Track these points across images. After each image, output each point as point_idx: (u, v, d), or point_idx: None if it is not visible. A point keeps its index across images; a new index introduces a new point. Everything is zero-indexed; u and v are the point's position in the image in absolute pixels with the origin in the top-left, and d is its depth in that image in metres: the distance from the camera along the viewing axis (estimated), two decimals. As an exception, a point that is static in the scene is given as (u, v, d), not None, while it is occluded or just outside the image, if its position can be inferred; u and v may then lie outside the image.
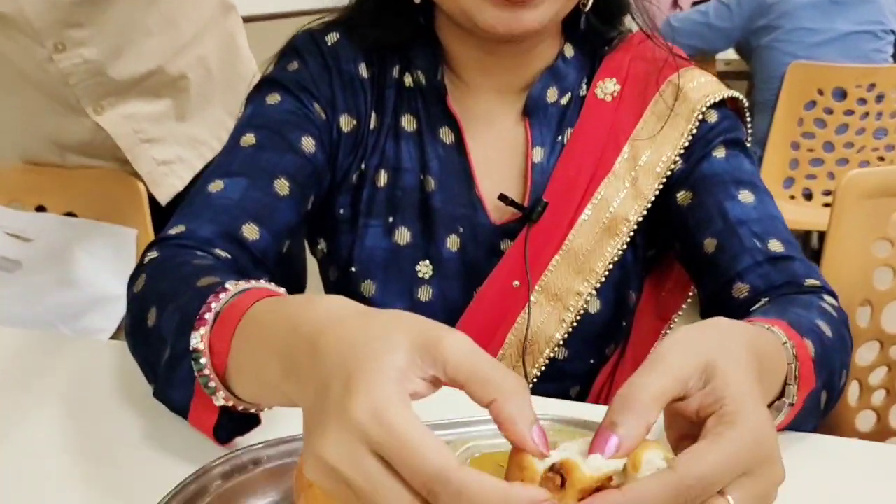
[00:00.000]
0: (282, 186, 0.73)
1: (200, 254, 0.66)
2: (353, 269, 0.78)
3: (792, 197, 2.43)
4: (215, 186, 0.71)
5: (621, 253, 0.78)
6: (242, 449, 0.52)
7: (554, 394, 0.70)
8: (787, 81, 2.31)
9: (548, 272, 0.77)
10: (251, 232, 0.70)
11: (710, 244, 0.75)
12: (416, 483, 0.35)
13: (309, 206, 0.77)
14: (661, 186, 0.78)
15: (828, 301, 0.69)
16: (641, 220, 0.78)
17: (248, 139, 0.75)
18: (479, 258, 0.78)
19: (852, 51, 2.32)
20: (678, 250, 0.80)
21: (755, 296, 0.72)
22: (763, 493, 0.41)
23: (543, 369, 0.78)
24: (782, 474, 0.41)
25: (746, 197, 0.76)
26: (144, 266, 0.65)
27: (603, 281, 0.78)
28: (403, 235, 0.78)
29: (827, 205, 2.32)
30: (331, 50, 0.79)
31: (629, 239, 0.78)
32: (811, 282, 0.72)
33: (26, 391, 0.68)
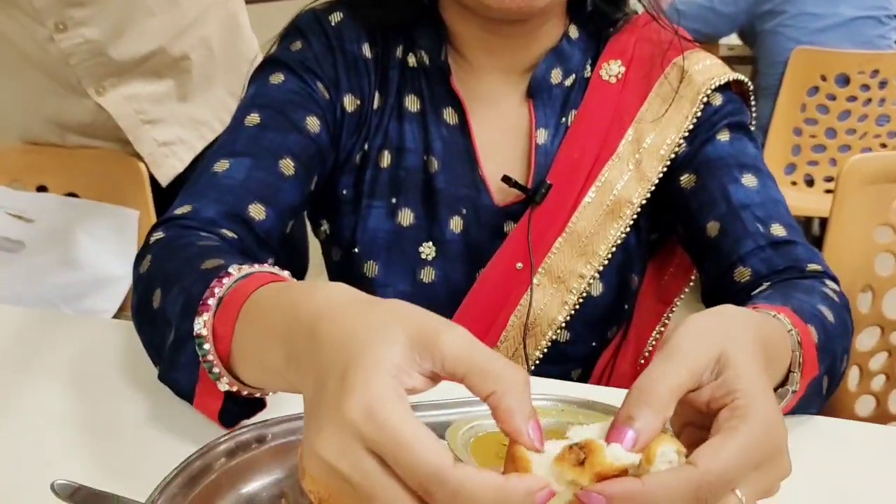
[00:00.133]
0: (286, 166, 0.73)
1: (206, 234, 0.66)
2: (356, 250, 0.78)
3: (793, 183, 2.42)
4: (220, 166, 0.71)
5: (624, 236, 0.78)
6: (247, 427, 0.52)
7: (555, 376, 0.70)
8: (791, 67, 2.30)
9: (551, 254, 0.77)
10: (257, 212, 0.70)
11: (713, 228, 0.75)
12: (412, 482, 0.35)
13: (312, 187, 0.76)
14: (665, 169, 0.77)
15: (830, 286, 0.69)
16: (645, 203, 0.78)
17: (252, 119, 0.74)
18: (482, 240, 0.78)
19: (856, 36, 2.30)
20: (681, 233, 0.80)
21: (757, 280, 0.72)
22: (769, 487, 0.41)
23: (545, 352, 0.79)
24: (789, 468, 0.41)
25: (750, 181, 0.75)
26: (150, 246, 0.65)
27: (606, 264, 0.78)
28: (406, 216, 0.78)
29: (828, 191, 2.31)
30: (334, 30, 0.79)
31: (632, 222, 0.78)
32: (813, 266, 0.72)
33: (31, 369, 0.68)
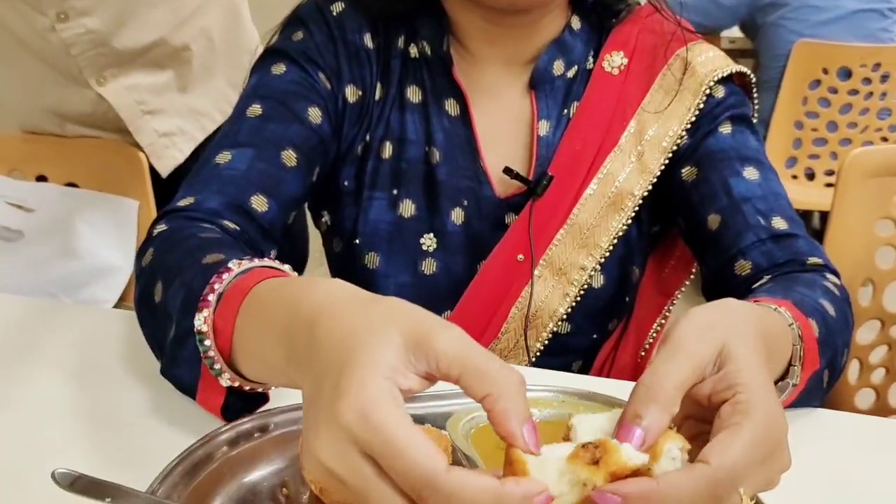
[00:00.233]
0: (288, 158, 0.72)
1: (208, 226, 0.66)
2: (357, 242, 0.78)
3: (794, 177, 2.42)
4: (222, 158, 0.71)
5: (626, 228, 0.78)
6: (249, 416, 0.52)
7: (556, 368, 0.71)
8: (792, 60, 2.29)
9: (552, 246, 0.77)
10: (259, 203, 0.70)
11: (714, 220, 0.75)
12: (405, 486, 0.35)
13: (314, 178, 0.76)
14: (667, 161, 0.77)
15: (830, 279, 0.69)
16: (647, 195, 0.78)
17: (255, 110, 0.74)
18: (484, 231, 0.78)
19: (858, 29, 2.30)
20: (681, 226, 0.80)
21: (757, 273, 0.72)
22: (770, 480, 0.41)
23: (546, 343, 0.79)
24: (789, 461, 0.42)
25: (751, 174, 0.75)
26: (153, 239, 0.65)
27: (607, 256, 0.78)
28: (408, 208, 0.78)
29: (829, 185, 2.31)
30: (336, 20, 0.78)
31: (634, 214, 0.78)
32: (814, 260, 0.72)
33: (31, 359, 0.68)
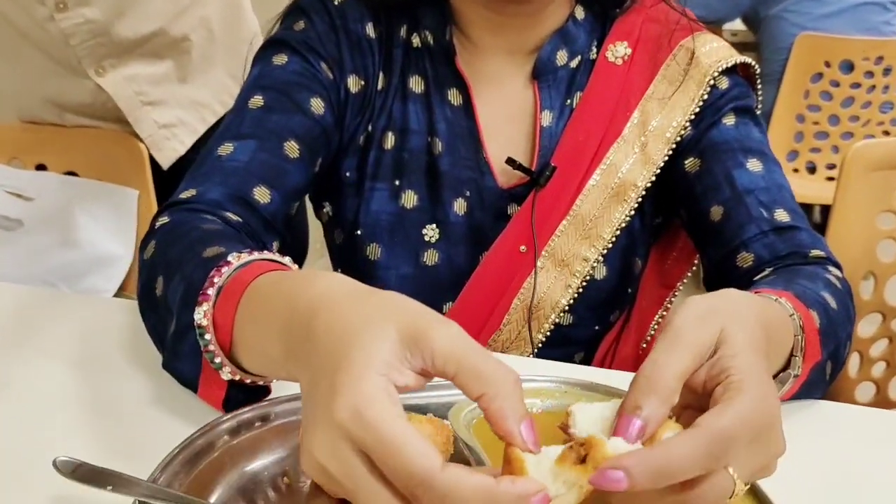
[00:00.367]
0: (291, 149, 0.72)
1: (210, 217, 0.66)
2: (359, 233, 0.78)
3: (795, 170, 2.41)
4: (224, 149, 0.71)
5: (629, 219, 0.77)
6: (250, 406, 0.52)
7: (558, 359, 0.70)
8: (795, 53, 2.28)
9: (555, 237, 0.77)
10: (262, 195, 0.70)
11: (717, 212, 0.75)
12: (399, 483, 0.35)
13: (317, 169, 0.76)
14: (671, 152, 0.77)
15: (832, 272, 0.69)
16: (650, 187, 0.77)
17: (256, 101, 0.74)
18: (486, 222, 0.78)
19: (861, 22, 2.29)
20: (684, 217, 0.80)
21: (759, 265, 0.72)
22: (764, 465, 0.41)
23: (548, 335, 0.78)
24: (783, 445, 0.42)
25: (755, 165, 0.75)
26: (155, 232, 0.65)
27: (610, 247, 0.77)
28: (410, 199, 0.78)
29: (830, 178, 2.30)
30: (337, 9, 0.78)
31: (637, 205, 0.77)
32: (816, 252, 0.71)
33: (32, 348, 0.68)
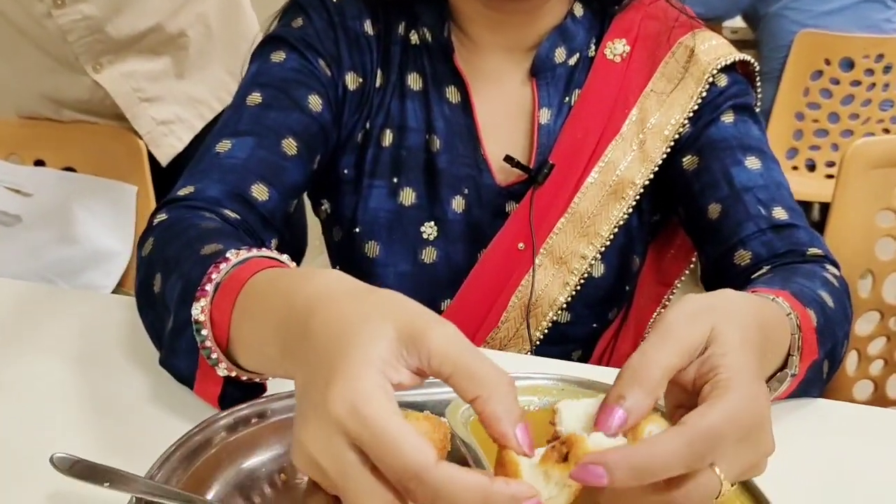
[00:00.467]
0: (289, 146, 0.72)
1: (208, 214, 0.66)
2: (357, 230, 0.78)
3: (795, 168, 2.41)
4: (222, 146, 0.71)
5: (627, 217, 0.77)
6: (247, 402, 0.52)
7: (556, 357, 0.70)
8: (795, 50, 2.28)
9: (553, 235, 0.77)
10: (260, 192, 0.70)
11: (715, 210, 0.75)
12: (393, 478, 0.35)
13: (315, 166, 0.76)
14: (669, 150, 0.77)
15: (830, 270, 0.69)
16: (648, 184, 0.77)
17: (254, 98, 0.74)
18: (484, 220, 0.78)
19: (862, 20, 2.28)
20: (681, 215, 0.80)
21: (757, 263, 0.72)
22: (752, 464, 0.41)
23: (546, 332, 0.79)
24: (772, 444, 0.42)
25: (753, 163, 0.75)
26: (153, 228, 0.65)
27: (608, 245, 0.77)
28: (408, 196, 0.78)
29: (830, 176, 2.30)
30: (336, 6, 0.78)
31: (635, 203, 0.77)
32: (814, 251, 0.71)
33: (29, 343, 0.68)
